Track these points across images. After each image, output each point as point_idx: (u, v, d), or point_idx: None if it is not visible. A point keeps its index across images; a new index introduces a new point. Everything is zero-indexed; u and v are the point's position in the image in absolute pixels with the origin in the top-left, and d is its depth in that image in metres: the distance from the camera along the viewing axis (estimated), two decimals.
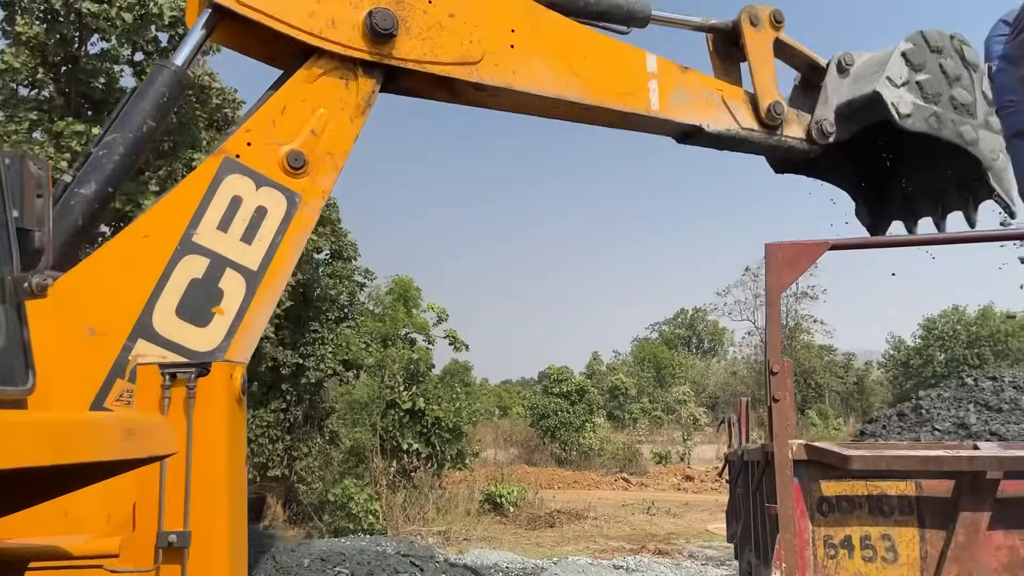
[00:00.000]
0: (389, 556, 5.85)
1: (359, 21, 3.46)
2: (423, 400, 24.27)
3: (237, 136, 3.50)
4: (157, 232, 3.35)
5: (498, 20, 3.77)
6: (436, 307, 29.55)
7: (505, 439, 49.23)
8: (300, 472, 26.90)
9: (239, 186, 3.38)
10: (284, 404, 27.34)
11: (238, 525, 3.11)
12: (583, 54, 4.06)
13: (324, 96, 3.53)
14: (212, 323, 3.40)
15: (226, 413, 3.11)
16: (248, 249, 3.45)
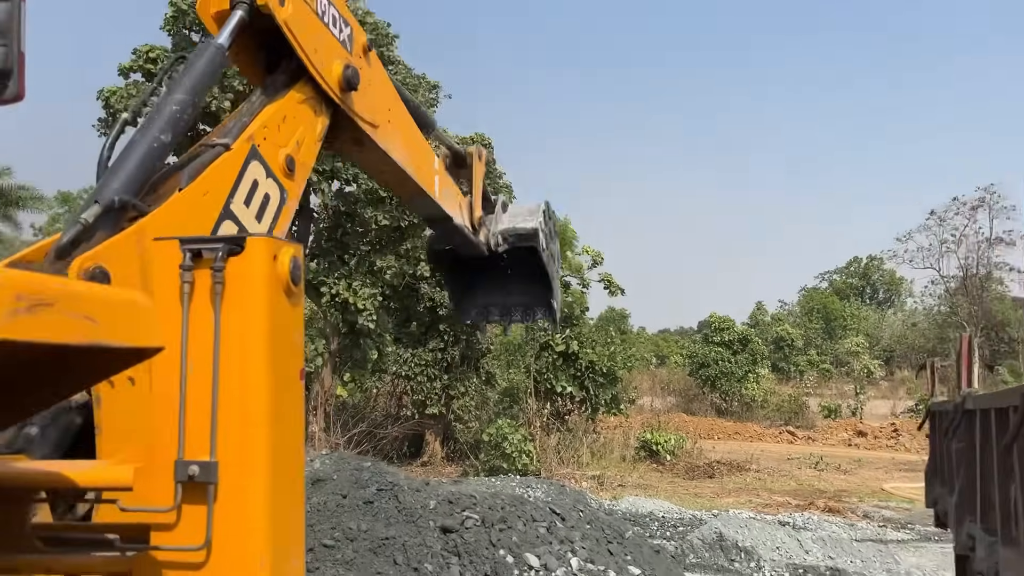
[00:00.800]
0: (527, 503, 5.25)
1: (338, 69, 4.23)
2: (577, 344, 23.74)
3: (257, 129, 3.86)
4: (212, 193, 3.56)
5: (387, 97, 4.82)
6: (591, 250, 28.85)
7: (662, 387, 48.29)
8: (457, 411, 27.29)
9: (257, 172, 3.78)
10: (442, 344, 27.69)
11: (286, 455, 2.51)
12: (414, 145, 5.17)
13: (305, 117, 4.18)
14: None
15: (266, 305, 2.46)
16: (257, 226, 3.81)
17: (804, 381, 49.99)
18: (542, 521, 5.13)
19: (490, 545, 4.66)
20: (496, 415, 24.53)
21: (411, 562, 4.41)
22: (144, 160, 3.36)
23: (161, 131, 3.47)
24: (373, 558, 4.36)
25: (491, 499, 5.14)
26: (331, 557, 4.27)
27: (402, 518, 4.67)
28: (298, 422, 2.63)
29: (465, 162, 6.56)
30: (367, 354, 21.15)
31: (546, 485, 14.20)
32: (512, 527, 4.91)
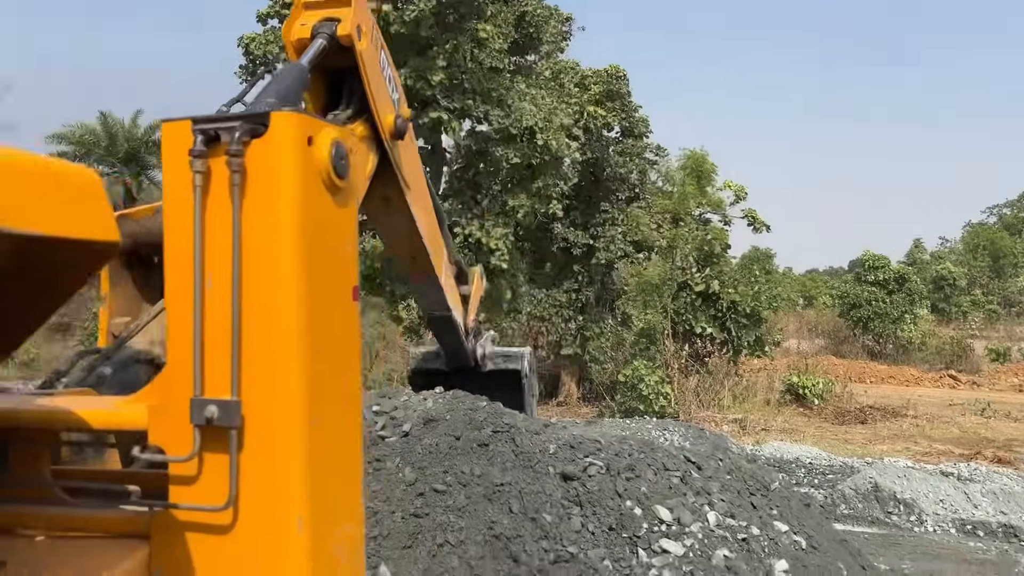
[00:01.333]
0: (658, 449, 4.76)
1: (390, 118, 4.42)
2: (718, 283, 22.70)
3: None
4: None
5: (418, 170, 4.99)
6: (733, 184, 27.39)
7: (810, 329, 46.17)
8: (592, 352, 26.93)
9: None
10: (576, 285, 27.32)
11: (332, 394, 2.06)
12: (434, 225, 5.36)
13: (360, 153, 4.12)
14: None
15: (298, 200, 1.96)
16: None
17: (968, 323, 46.44)
18: (675, 470, 4.62)
19: (615, 495, 4.22)
20: (632, 356, 23.96)
21: (528, 511, 4.03)
22: None
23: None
24: (487, 505, 4.01)
25: (618, 445, 4.68)
26: (442, 503, 3.95)
27: (519, 463, 4.30)
28: (351, 352, 2.19)
29: (466, 278, 6.78)
30: (501, 295, 21.00)
31: (684, 428, 13.63)
32: (641, 476, 4.44)
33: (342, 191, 2.19)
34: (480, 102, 19.26)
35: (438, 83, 18.25)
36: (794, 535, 4.79)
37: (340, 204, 2.16)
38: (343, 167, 2.20)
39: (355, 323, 2.28)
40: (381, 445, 4.35)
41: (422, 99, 18.85)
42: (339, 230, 2.16)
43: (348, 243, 2.24)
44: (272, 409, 1.89)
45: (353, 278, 2.25)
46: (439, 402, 4.76)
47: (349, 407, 2.18)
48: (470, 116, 19.83)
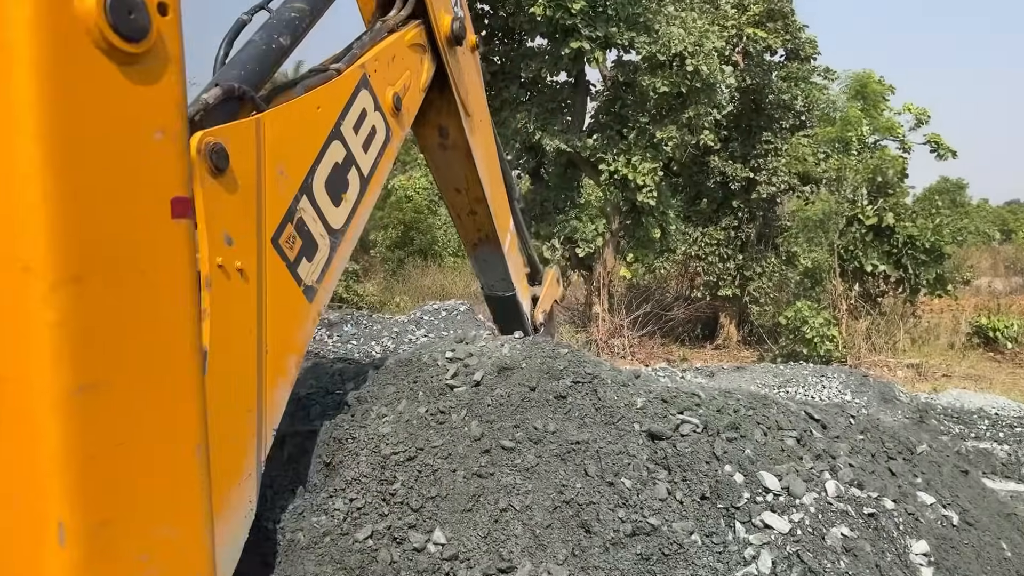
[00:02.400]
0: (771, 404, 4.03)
1: (447, 20, 4.25)
2: (892, 216, 20.64)
3: (369, 60, 3.83)
4: (325, 109, 3.47)
5: (482, 104, 4.92)
6: (914, 107, 24.73)
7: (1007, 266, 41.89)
8: (752, 292, 25.50)
9: (366, 102, 3.75)
10: (735, 221, 25.81)
11: (114, 350, 1.53)
12: (497, 180, 5.21)
13: (411, 62, 4.14)
14: (341, 206, 3.56)
15: (38, 73, 1.41)
16: (364, 156, 3.72)
17: None
18: (791, 429, 3.90)
19: (712, 458, 3.60)
20: (796, 297, 22.41)
21: (605, 474, 3.51)
22: (263, 57, 3.34)
23: (279, 34, 3.45)
24: (559, 466, 3.53)
25: (721, 399, 4.01)
26: (509, 462, 3.51)
27: (600, 419, 3.76)
28: (171, 291, 1.69)
29: (539, 278, 6.40)
30: (649, 233, 20.10)
31: (844, 375, 12.43)
32: (747, 436, 3.79)
33: (141, 59, 1.63)
34: (625, 29, 18.20)
35: (579, 11, 17.36)
36: (942, 509, 3.98)
37: (139, 79, 1.61)
38: (133, 25, 1.61)
39: (179, 250, 1.75)
40: (449, 395, 3.93)
41: (563, 28, 18.03)
42: (138, 116, 1.62)
43: (161, 136, 1.69)
44: (14, 376, 1.41)
45: (174, 186, 1.71)
46: (516, 348, 4.26)
47: (171, 370, 1.68)
48: (614, 45, 18.82)
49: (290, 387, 3.12)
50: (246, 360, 2.77)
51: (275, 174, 3.04)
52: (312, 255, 3.28)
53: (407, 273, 33.08)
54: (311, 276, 3.27)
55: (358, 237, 3.77)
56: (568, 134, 19.92)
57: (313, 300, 3.30)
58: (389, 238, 35.53)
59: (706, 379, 11.88)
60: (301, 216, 3.20)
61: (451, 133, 4.76)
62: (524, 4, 18.40)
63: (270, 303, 2.91)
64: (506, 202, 5.56)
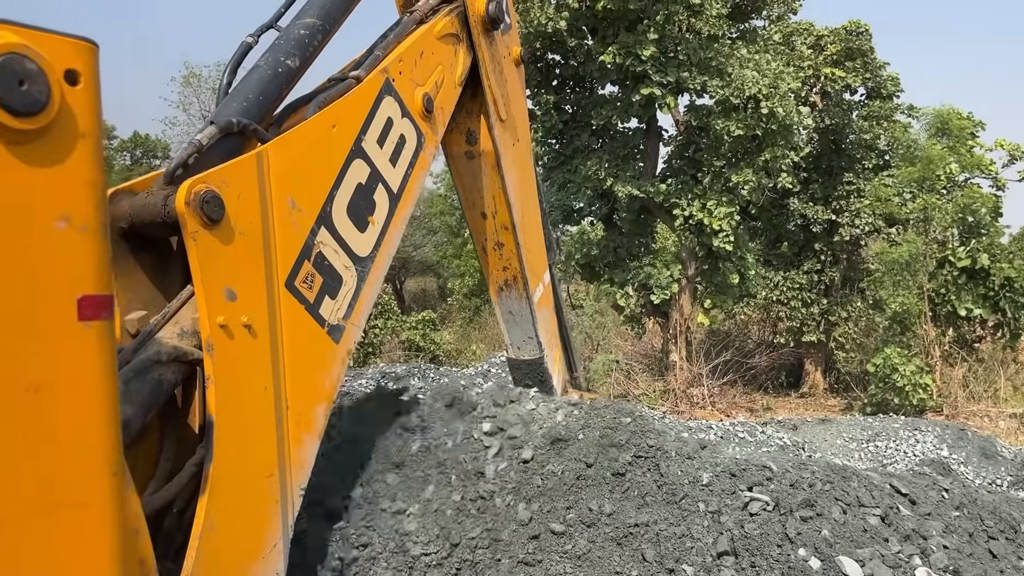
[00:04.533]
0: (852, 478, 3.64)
1: (481, 5, 3.86)
2: (987, 256, 19.58)
3: (392, 63, 3.48)
4: (342, 127, 3.16)
5: (523, 121, 4.47)
6: (1007, 143, 23.59)
7: None
8: (838, 338, 24.54)
9: (392, 109, 3.40)
10: (818, 265, 24.98)
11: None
12: (530, 211, 4.75)
13: (444, 55, 3.79)
14: (368, 230, 3.27)
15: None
16: (392, 171, 3.40)
17: None
18: (873, 507, 3.55)
19: (784, 540, 3.28)
20: (884, 343, 21.41)
21: (665, 560, 3.23)
22: (267, 84, 3.11)
23: (287, 55, 3.22)
24: (615, 551, 3.26)
25: (795, 472, 3.67)
26: (559, 548, 3.26)
27: (662, 497, 3.47)
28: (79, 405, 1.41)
29: (575, 381, 5.91)
30: (727, 278, 19.56)
31: (939, 428, 11.64)
32: (823, 515, 3.45)
33: (38, 136, 1.41)
34: (696, 73, 17.97)
35: (649, 57, 17.24)
36: None
37: (34, 159, 1.40)
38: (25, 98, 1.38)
39: (90, 360, 1.48)
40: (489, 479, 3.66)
41: (633, 75, 17.93)
42: (32, 204, 1.39)
43: (65, 225, 1.45)
44: None
45: (84, 282, 1.46)
46: (573, 416, 4.00)
47: (77, 504, 1.40)
48: (686, 90, 18.60)
49: (318, 439, 2.88)
50: (263, 422, 2.57)
51: (285, 209, 2.81)
52: (336, 291, 3.04)
53: (483, 321, 33.09)
54: (336, 314, 3.04)
55: (391, 258, 3.48)
56: (641, 180, 19.69)
57: (341, 340, 3.06)
58: (466, 286, 35.70)
59: (789, 433, 11.30)
60: (320, 250, 2.96)
61: (479, 138, 4.39)
62: (594, 53, 18.40)
63: (288, 353, 2.70)
64: (541, 243, 5.07)
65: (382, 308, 27.86)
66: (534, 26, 17.28)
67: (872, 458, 10.56)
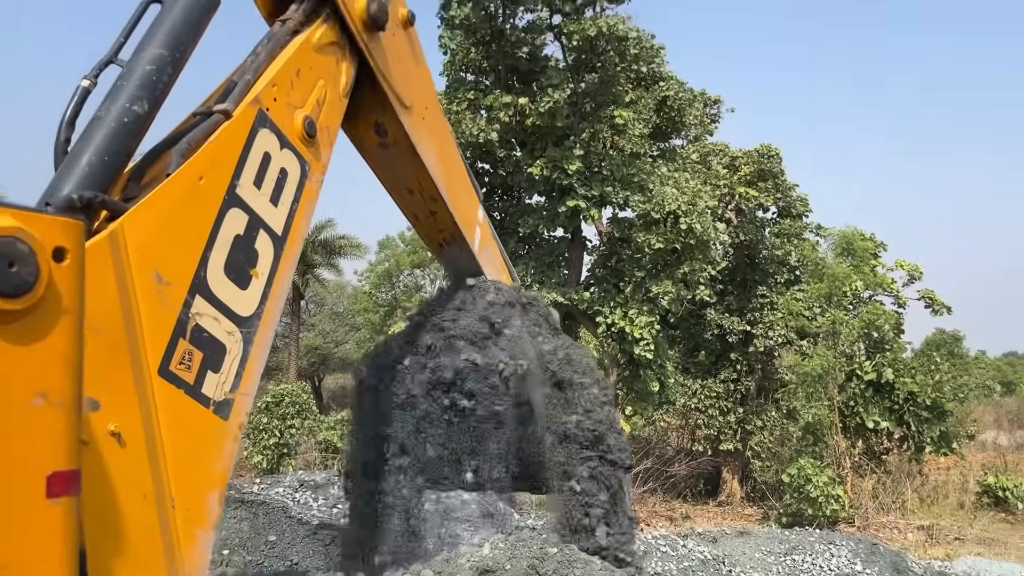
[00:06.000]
0: None
1: (361, 4, 3.52)
2: (891, 371, 20.50)
3: (264, 89, 3.07)
4: (211, 177, 2.78)
5: (423, 91, 4.11)
6: (907, 263, 25.10)
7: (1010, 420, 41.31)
8: (754, 447, 25.02)
9: (268, 142, 3.03)
10: (734, 374, 25.66)
11: None
12: (454, 167, 4.52)
13: (324, 68, 3.42)
14: (251, 286, 2.95)
15: None
16: (274, 211, 3.06)
17: None
18: None
19: None
20: (798, 453, 21.92)
21: None
22: (113, 139, 2.60)
23: (132, 100, 2.70)
24: None
25: None
26: None
27: None
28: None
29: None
30: (647, 385, 19.90)
31: (853, 542, 11.89)
32: None
33: (22, 316, 1.41)
34: (620, 188, 18.74)
35: (575, 172, 17.94)
36: None
37: (16, 338, 1.40)
38: (13, 280, 1.40)
39: (55, 537, 1.43)
40: None
41: (560, 188, 18.58)
42: (11, 381, 1.38)
43: (41, 401, 1.43)
44: None
45: (54, 459, 1.45)
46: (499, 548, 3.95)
47: None
48: (610, 203, 19.33)
49: (214, 528, 2.59)
50: (146, 537, 2.27)
51: (151, 287, 2.47)
52: (220, 363, 2.70)
53: None
54: (222, 388, 2.72)
55: (282, 305, 3.13)
56: (565, 287, 20.11)
57: (231, 415, 2.73)
58: None
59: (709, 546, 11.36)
60: (197, 322, 2.61)
61: (390, 130, 4.03)
62: (523, 164, 19.03)
63: (170, 447, 2.40)
64: (471, 194, 4.89)
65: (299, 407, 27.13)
66: (466, 136, 17.83)
67: (790, 572, 10.69)
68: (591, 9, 18.38)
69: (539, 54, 19.16)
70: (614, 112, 18.41)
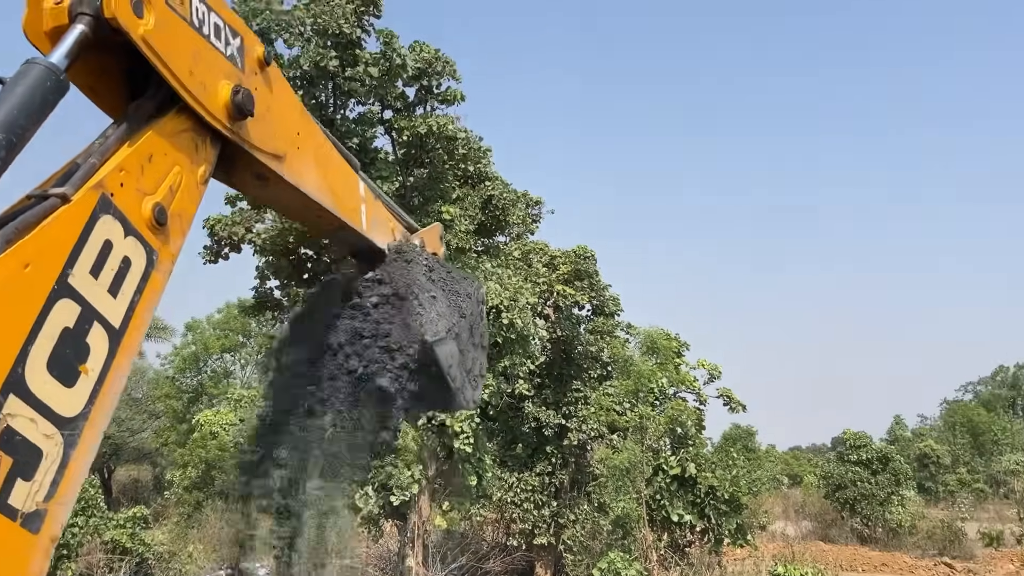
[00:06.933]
0: None
1: (225, 93, 3.41)
2: (694, 466, 21.69)
3: (110, 173, 2.90)
4: (39, 264, 2.59)
5: (292, 118, 3.97)
6: (707, 363, 26.96)
7: (796, 511, 44.52)
8: (567, 541, 25.34)
9: (111, 230, 2.84)
10: (549, 467, 26.11)
11: None
12: (333, 168, 4.38)
13: (181, 155, 3.29)
14: (78, 383, 2.69)
15: None
16: (113, 303, 2.86)
17: (957, 504, 44.98)
18: None
19: None
20: (608, 546, 22.46)
21: None
22: None
23: None
24: None
25: None
26: None
27: None
28: None
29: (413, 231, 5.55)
30: (466, 479, 19.83)
31: None
32: None
33: None
34: None
35: None
36: None
37: None
38: None
39: None
40: None
41: None
42: None
43: None
44: None
45: None
46: None
47: None
48: None
49: None
50: None
51: None
52: (32, 470, 2.50)
53: (205, 518, 30.36)
54: (34, 498, 2.50)
55: (115, 405, 2.88)
56: None
57: (42, 528, 2.52)
58: (188, 478, 32.82)
59: None
60: (8, 424, 2.43)
61: (269, 176, 3.91)
62: None
63: None
64: (348, 178, 4.62)
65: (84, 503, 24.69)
66: (290, 224, 17.53)
67: None
68: (422, 107, 18.91)
69: (369, 146, 19.38)
70: (442, 207, 18.81)
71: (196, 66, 3.23)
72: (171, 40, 3.07)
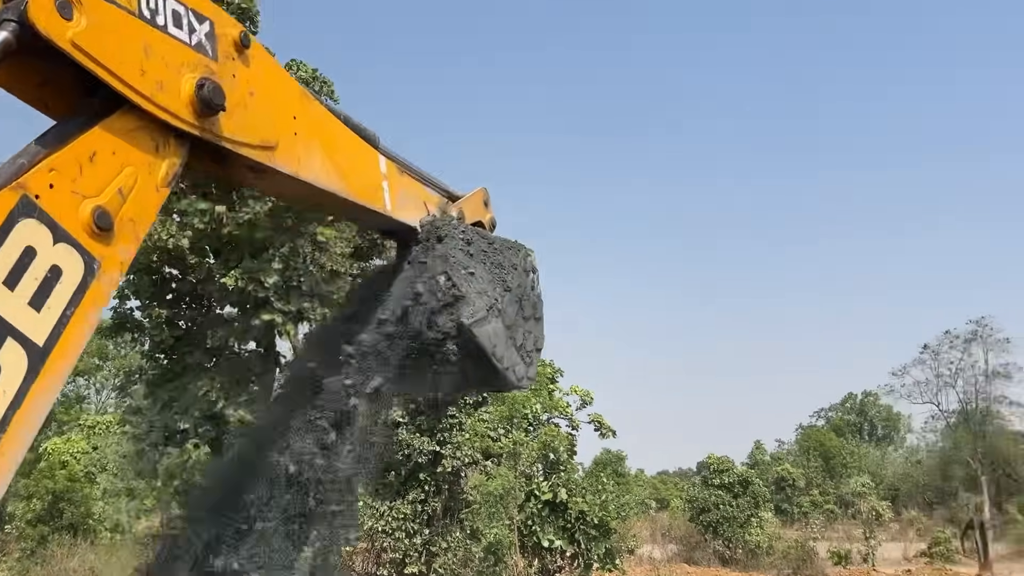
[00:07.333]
0: None
1: (189, 88, 3.05)
2: (565, 491, 21.99)
3: (38, 172, 2.64)
4: None
5: (286, 100, 3.73)
6: (579, 389, 27.48)
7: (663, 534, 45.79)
8: (439, 569, 25.07)
9: (35, 236, 2.60)
10: (422, 495, 25.83)
11: None
12: (342, 148, 4.12)
13: (134, 155, 2.96)
14: None
15: None
16: (36, 318, 2.59)
17: (809, 524, 47.48)
18: None
19: None
20: (480, 574, 22.40)
21: None
22: None
23: None
24: None
25: None
26: None
27: None
28: None
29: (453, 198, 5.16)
30: None
31: None
32: None
33: None
34: (318, 304, 18.62)
35: (272, 285, 17.56)
36: None
37: None
38: None
39: None
40: None
41: (255, 300, 18.03)
42: None
43: None
44: None
45: None
46: None
47: None
48: (307, 319, 19.08)
49: None
50: None
51: None
52: None
53: (50, 553, 28.30)
54: None
55: (35, 433, 2.62)
56: (255, 404, 19.22)
57: None
58: (32, 510, 30.53)
59: None
60: None
61: (264, 167, 3.64)
62: (215, 272, 18.26)
63: None
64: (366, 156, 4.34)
65: None
66: (153, 240, 16.79)
67: None
68: None
69: None
70: (317, 229, 18.47)
71: (148, 63, 2.94)
72: (111, 39, 2.81)
